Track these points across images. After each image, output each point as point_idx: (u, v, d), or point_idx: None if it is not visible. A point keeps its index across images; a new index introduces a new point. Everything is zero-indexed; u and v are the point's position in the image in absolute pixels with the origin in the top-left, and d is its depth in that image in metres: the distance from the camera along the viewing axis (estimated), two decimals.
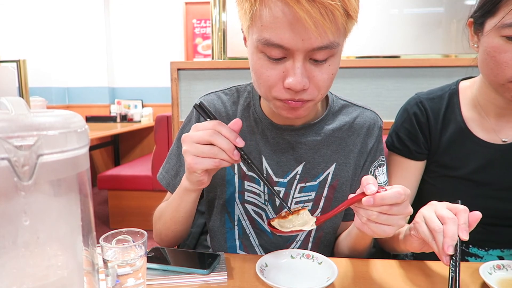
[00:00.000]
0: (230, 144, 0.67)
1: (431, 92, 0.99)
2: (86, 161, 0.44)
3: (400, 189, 0.60)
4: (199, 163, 0.67)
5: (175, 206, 0.83)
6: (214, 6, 1.73)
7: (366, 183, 0.62)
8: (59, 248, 0.43)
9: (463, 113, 0.93)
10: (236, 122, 0.70)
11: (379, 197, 0.60)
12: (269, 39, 0.63)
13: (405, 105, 1.01)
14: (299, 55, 0.64)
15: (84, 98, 4.64)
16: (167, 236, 0.89)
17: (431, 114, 0.94)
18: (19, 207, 0.37)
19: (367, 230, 0.64)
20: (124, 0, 4.56)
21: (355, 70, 1.54)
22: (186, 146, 0.69)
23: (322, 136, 0.85)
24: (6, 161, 0.36)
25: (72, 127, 0.41)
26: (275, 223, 0.70)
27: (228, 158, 0.68)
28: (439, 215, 0.65)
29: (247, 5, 0.65)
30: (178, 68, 1.58)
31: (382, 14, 1.83)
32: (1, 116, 0.37)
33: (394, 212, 0.61)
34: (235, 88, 0.92)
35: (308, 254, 0.75)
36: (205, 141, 0.67)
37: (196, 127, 0.70)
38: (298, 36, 0.62)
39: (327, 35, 0.62)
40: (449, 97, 0.95)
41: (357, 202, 0.63)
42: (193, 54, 4.60)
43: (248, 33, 0.71)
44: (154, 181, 2.97)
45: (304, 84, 0.65)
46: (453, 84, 0.97)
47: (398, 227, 0.62)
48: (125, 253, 0.59)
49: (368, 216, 0.62)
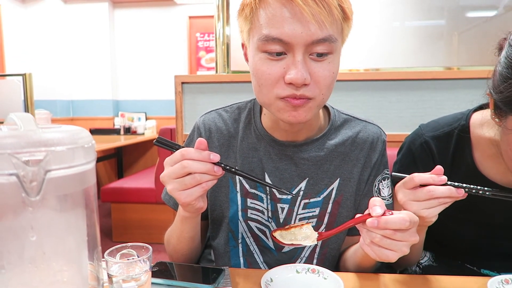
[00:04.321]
0: (207, 164, 0.65)
1: (437, 127, 0.88)
2: (92, 176, 0.45)
3: (406, 215, 0.60)
4: (189, 195, 0.66)
5: (178, 233, 0.83)
6: (218, 20, 1.75)
7: (372, 205, 0.62)
8: (65, 263, 0.43)
9: (475, 154, 0.83)
10: (200, 142, 0.67)
11: (383, 220, 0.60)
12: (269, 34, 0.67)
13: (408, 144, 0.91)
14: (299, 50, 0.66)
15: (88, 110, 4.68)
16: (178, 259, 0.88)
17: (438, 156, 0.86)
18: (26, 223, 0.38)
19: (370, 253, 0.64)
20: (128, 14, 4.64)
21: (358, 83, 1.55)
22: (169, 186, 0.67)
23: (325, 151, 0.84)
24: (14, 176, 0.36)
25: (79, 142, 0.41)
26: (277, 234, 0.71)
27: (211, 177, 0.66)
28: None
29: (248, 9, 0.70)
30: (182, 81, 1.60)
31: (384, 27, 1.84)
32: (10, 132, 0.38)
33: (398, 237, 0.60)
34: (236, 105, 0.92)
35: (314, 269, 0.74)
36: (182, 173, 0.65)
37: (166, 163, 0.68)
38: (297, 29, 0.65)
39: (325, 26, 0.65)
40: (458, 135, 0.84)
41: (362, 223, 0.63)
42: (196, 67, 4.64)
43: (249, 39, 0.74)
44: (158, 194, 2.97)
45: (305, 77, 0.67)
46: (463, 118, 0.86)
47: (402, 254, 0.62)
48: (130, 268, 0.59)
49: (371, 238, 0.62)
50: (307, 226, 0.71)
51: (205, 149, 0.67)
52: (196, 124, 0.92)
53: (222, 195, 0.88)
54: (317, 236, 0.69)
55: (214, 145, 0.88)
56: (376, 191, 0.86)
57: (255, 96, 0.78)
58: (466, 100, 1.49)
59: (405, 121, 1.53)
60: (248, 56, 0.78)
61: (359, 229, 0.66)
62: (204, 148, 0.67)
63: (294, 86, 0.68)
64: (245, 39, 0.77)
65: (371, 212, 0.62)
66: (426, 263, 0.98)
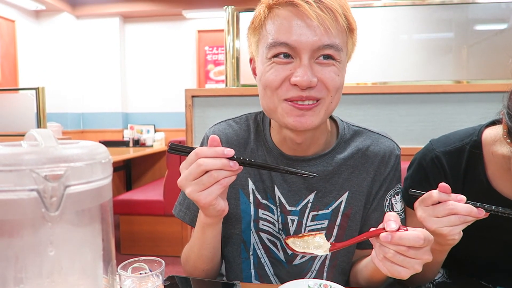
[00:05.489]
0: (222, 160, 0.64)
1: (448, 142, 0.87)
2: (109, 191, 0.45)
3: (421, 233, 0.59)
4: (208, 195, 0.65)
5: (199, 245, 0.80)
6: (228, 33, 1.78)
7: (387, 219, 0.62)
8: (81, 277, 0.43)
9: (488, 171, 0.81)
10: (213, 139, 0.67)
11: (397, 236, 0.59)
12: (276, 39, 0.70)
13: (419, 159, 0.90)
14: (305, 55, 0.69)
15: (98, 123, 4.74)
16: (202, 273, 0.86)
17: (449, 172, 0.84)
18: (45, 238, 0.38)
19: (382, 268, 0.63)
20: (139, 28, 4.73)
21: (367, 96, 1.55)
22: (187, 189, 0.66)
23: (333, 165, 0.84)
24: (35, 192, 0.37)
25: (97, 158, 0.42)
26: (290, 241, 0.70)
27: (229, 173, 0.65)
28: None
29: (257, 21, 0.74)
30: (193, 95, 1.61)
31: (392, 40, 1.85)
32: (31, 148, 0.39)
33: (411, 255, 0.59)
34: (245, 116, 0.93)
35: (326, 284, 0.74)
36: (199, 172, 0.64)
37: (182, 167, 0.67)
38: (303, 34, 0.68)
39: (331, 32, 0.68)
40: (470, 151, 0.82)
41: (376, 236, 0.63)
42: (205, 80, 4.69)
43: (257, 50, 0.76)
44: (166, 206, 2.97)
45: (311, 80, 0.68)
46: (475, 133, 0.84)
47: (414, 271, 0.61)
48: (142, 282, 0.59)
49: (384, 254, 0.61)
50: (320, 235, 0.70)
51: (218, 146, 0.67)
52: (206, 135, 0.93)
53: (232, 207, 0.87)
54: (330, 247, 0.68)
55: None
56: (388, 205, 0.86)
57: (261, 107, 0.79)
58: (476, 113, 1.48)
59: (415, 134, 1.52)
60: (256, 68, 0.79)
61: (373, 243, 0.65)
62: (217, 145, 0.67)
63: (299, 88, 0.69)
64: (253, 52, 0.79)
65: (385, 226, 0.61)
66: (440, 280, 0.97)
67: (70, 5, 4.53)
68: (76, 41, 4.62)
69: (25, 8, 4.25)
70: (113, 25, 4.61)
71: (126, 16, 4.69)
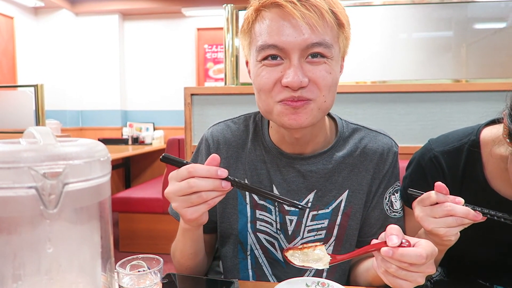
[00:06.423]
0: (214, 181, 0.62)
1: (446, 142, 0.87)
2: (108, 189, 0.45)
3: (423, 250, 0.58)
4: (194, 212, 0.64)
5: (181, 247, 0.82)
6: (227, 32, 1.78)
7: (389, 233, 0.60)
8: (79, 275, 0.44)
9: (486, 170, 0.81)
10: (213, 158, 0.66)
11: (399, 253, 0.58)
12: (265, 42, 0.70)
13: (418, 159, 0.90)
14: (294, 55, 0.69)
15: (97, 120, 4.73)
16: (186, 270, 0.87)
17: (448, 171, 0.84)
18: (44, 235, 0.38)
19: (384, 279, 0.63)
20: (138, 26, 4.72)
21: (366, 95, 1.55)
22: (174, 203, 0.65)
23: (333, 163, 0.84)
24: (33, 189, 0.37)
25: (96, 156, 0.42)
26: (289, 254, 0.69)
27: (219, 193, 0.64)
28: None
29: (246, 24, 0.75)
30: (192, 93, 1.61)
31: (391, 39, 1.85)
32: (30, 146, 0.39)
33: (414, 269, 0.58)
34: (243, 116, 0.93)
35: (324, 283, 0.74)
36: (188, 192, 0.62)
37: (172, 178, 0.65)
38: (291, 35, 0.68)
39: (318, 30, 0.68)
40: (468, 151, 0.82)
41: (377, 250, 0.61)
42: (204, 78, 4.69)
43: (250, 53, 0.77)
44: (165, 204, 2.97)
45: (301, 80, 0.68)
46: (473, 133, 0.84)
47: (416, 284, 0.60)
48: (140, 280, 0.59)
49: (386, 268, 0.60)
50: (320, 248, 0.69)
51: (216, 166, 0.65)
52: (204, 136, 0.92)
53: (230, 207, 0.88)
54: (330, 260, 0.67)
55: (222, 157, 0.88)
56: (388, 203, 0.86)
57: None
58: (475, 112, 1.48)
59: (414, 133, 1.52)
60: (251, 75, 0.79)
61: (375, 255, 0.64)
62: (216, 165, 0.65)
63: (291, 89, 0.69)
64: (247, 54, 0.80)
65: (387, 241, 0.59)
66: (437, 278, 0.97)
67: (69, 2, 4.52)
68: (75, 38, 4.61)
69: (24, 5, 4.24)
70: (112, 22, 4.60)
71: (125, 14, 4.68)
